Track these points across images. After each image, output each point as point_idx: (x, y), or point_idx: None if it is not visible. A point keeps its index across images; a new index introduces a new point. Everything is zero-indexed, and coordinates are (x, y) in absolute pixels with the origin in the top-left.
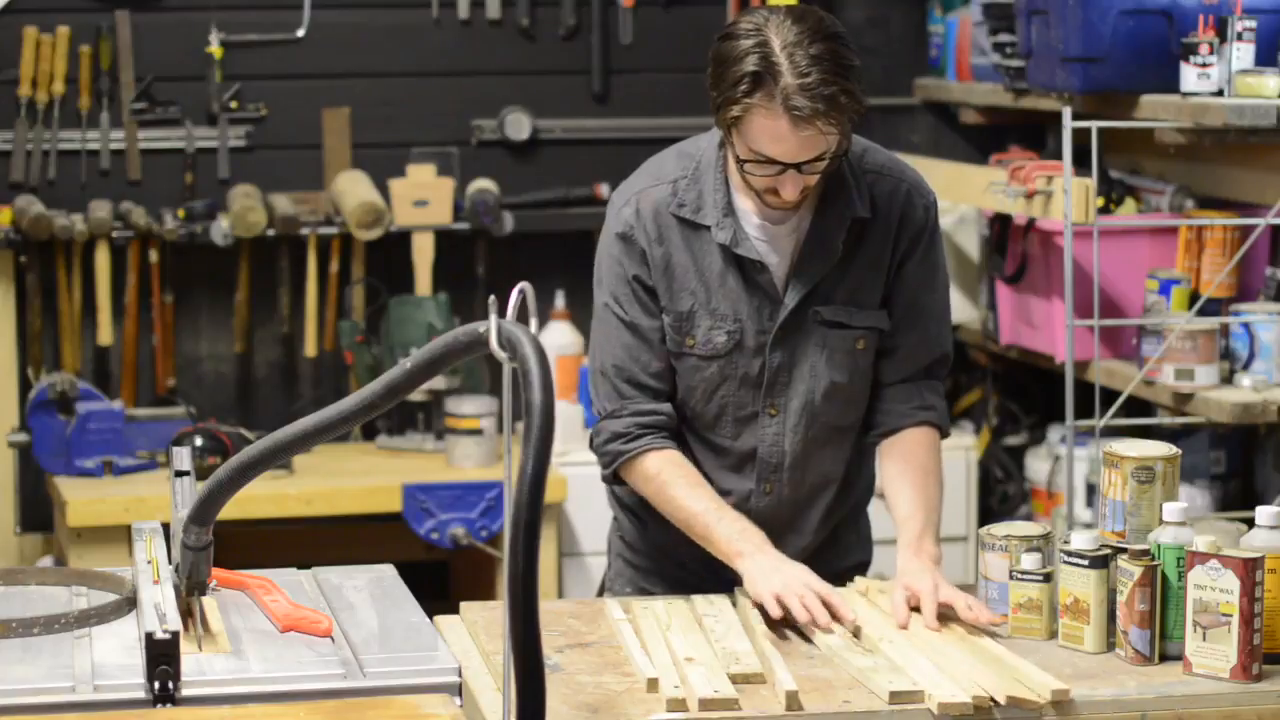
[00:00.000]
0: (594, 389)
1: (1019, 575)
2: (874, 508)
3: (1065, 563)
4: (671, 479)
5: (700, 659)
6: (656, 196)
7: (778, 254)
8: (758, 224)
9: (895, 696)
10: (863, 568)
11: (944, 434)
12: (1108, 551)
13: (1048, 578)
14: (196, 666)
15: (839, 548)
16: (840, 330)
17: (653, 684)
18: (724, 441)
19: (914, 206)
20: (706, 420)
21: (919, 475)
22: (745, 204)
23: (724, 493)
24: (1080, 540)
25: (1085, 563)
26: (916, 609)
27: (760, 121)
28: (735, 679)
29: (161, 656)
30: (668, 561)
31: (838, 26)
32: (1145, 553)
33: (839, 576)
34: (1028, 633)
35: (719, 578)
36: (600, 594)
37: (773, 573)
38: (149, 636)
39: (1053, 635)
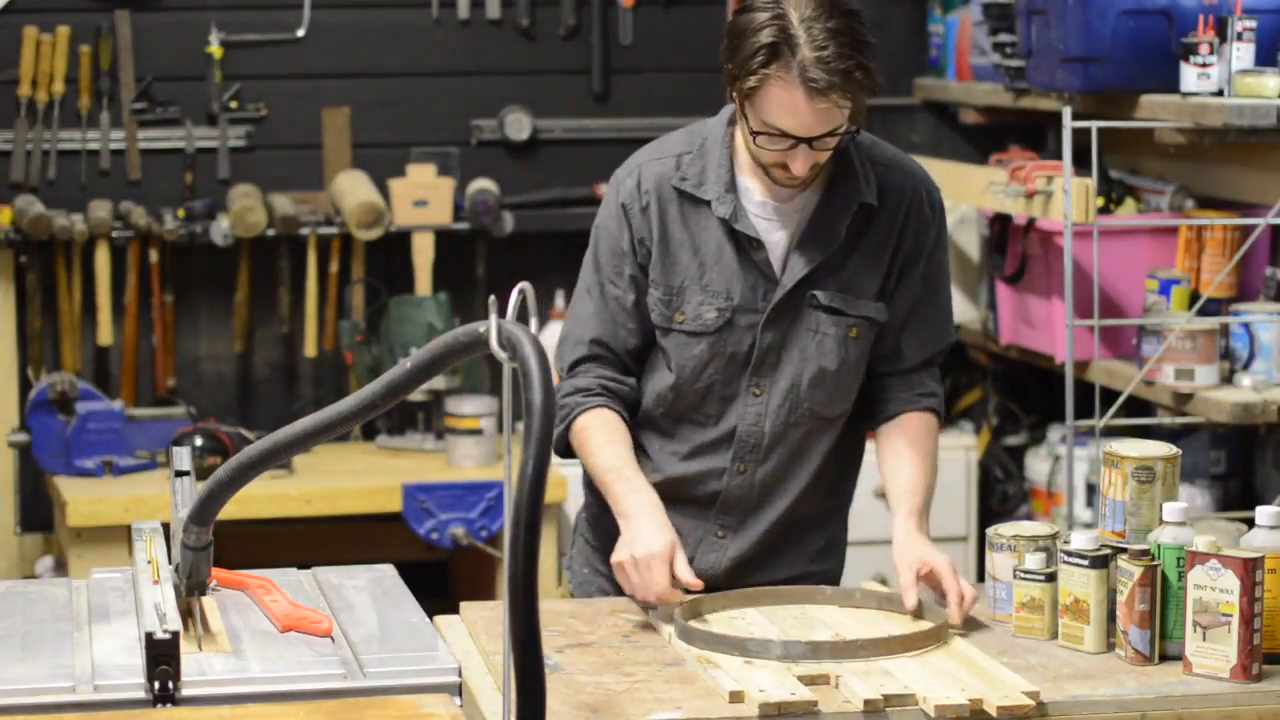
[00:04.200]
0: (560, 350)
1: (1022, 575)
2: (868, 514)
3: (1065, 563)
4: (595, 431)
5: (755, 660)
6: (659, 169)
7: (778, 234)
8: (759, 202)
9: (889, 700)
10: (814, 578)
11: (942, 421)
12: (1108, 551)
13: (1051, 577)
14: (196, 666)
15: (797, 551)
16: (835, 316)
17: (736, 696)
18: (706, 420)
19: (921, 203)
20: (692, 399)
21: (920, 456)
22: (750, 183)
23: (697, 473)
24: (1080, 540)
25: (1085, 563)
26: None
27: (776, 93)
28: (803, 680)
29: (161, 656)
30: None
31: (853, 4)
32: (1145, 553)
33: (788, 583)
34: (1030, 632)
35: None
36: (559, 572)
37: (632, 541)
38: (149, 636)
39: (1055, 635)
